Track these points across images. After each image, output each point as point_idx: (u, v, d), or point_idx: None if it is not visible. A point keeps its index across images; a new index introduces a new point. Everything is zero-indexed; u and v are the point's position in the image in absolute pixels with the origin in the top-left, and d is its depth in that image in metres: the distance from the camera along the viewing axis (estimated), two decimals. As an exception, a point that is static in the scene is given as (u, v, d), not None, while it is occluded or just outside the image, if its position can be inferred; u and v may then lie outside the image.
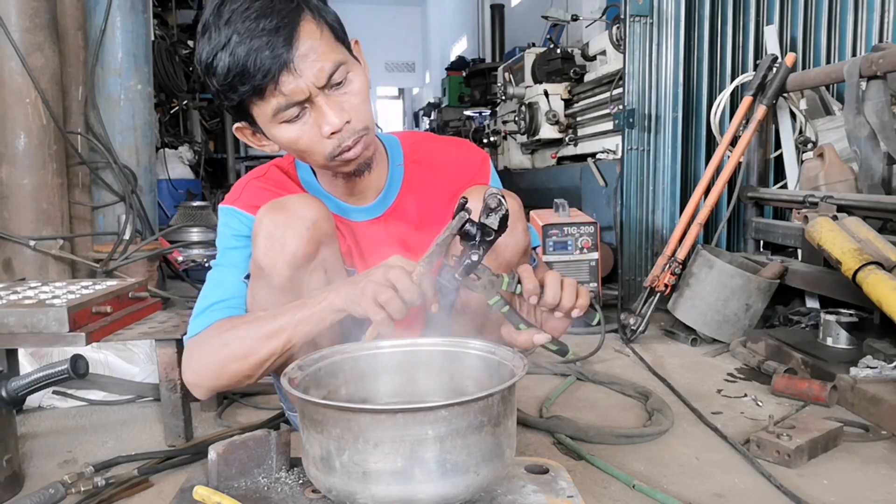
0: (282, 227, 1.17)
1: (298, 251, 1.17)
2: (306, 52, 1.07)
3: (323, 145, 1.15)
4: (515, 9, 10.32)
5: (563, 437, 1.62)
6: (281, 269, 1.17)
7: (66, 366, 1.27)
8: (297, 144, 1.16)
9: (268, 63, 1.05)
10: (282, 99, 1.09)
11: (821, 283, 2.31)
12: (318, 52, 1.08)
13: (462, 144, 1.43)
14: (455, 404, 0.85)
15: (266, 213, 1.19)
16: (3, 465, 1.34)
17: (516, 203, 1.30)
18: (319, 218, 1.20)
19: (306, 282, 1.21)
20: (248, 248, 1.23)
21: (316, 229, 1.19)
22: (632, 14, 2.92)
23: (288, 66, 1.06)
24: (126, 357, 1.95)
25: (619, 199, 3.02)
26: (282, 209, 1.19)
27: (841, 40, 3.22)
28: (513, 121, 4.99)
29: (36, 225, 2.59)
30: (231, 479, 1.02)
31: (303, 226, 1.17)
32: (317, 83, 1.09)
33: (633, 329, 2.55)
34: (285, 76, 1.06)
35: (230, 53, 1.05)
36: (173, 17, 6.55)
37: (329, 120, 1.11)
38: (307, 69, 1.07)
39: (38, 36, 2.55)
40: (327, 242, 1.23)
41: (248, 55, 1.04)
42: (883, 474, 1.45)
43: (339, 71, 1.11)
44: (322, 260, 1.23)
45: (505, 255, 1.27)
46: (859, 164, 2.33)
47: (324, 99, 1.11)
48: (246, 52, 1.04)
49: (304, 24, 1.07)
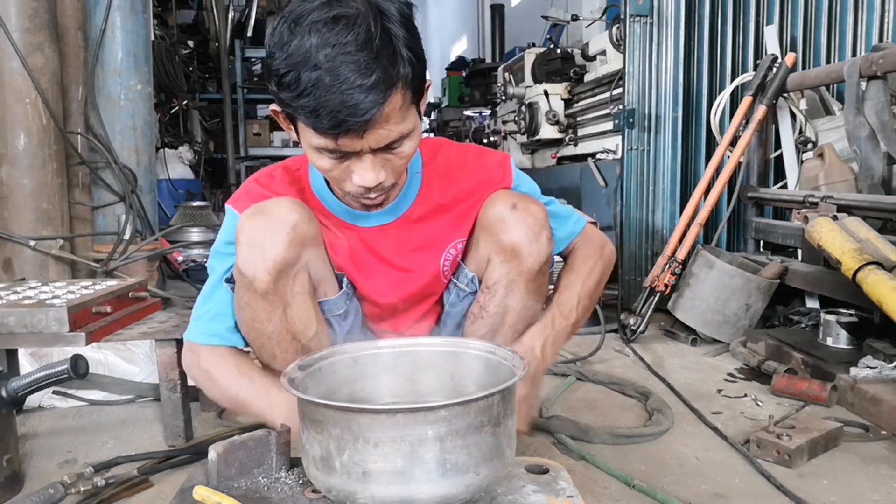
0: (261, 231, 1.16)
1: (279, 256, 1.16)
2: (379, 124, 1.03)
3: (348, 186, 1.14)
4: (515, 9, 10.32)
5: (563, 437, 1.62)
6: (262, 275, 1.16)
7: (66, 366, 1.27)
8: (327, 173, 1.14)
9: (341, 121, 1.00)
10: (332, 145, 1.06)
11: (821, 283, 2.31)
12: (390, 122, 1.04)
13: (479, 152, 1.40)
14: (455, 404, 0.85)
15: (246, 219, 1.19)
16: (3, 465, 1.34)
17: (542, 211, 1.28)
18: (300, 221, 1.18)
19: (290, 287, 1.20)
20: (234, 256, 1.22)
21: (296, 232, 1.17)
22: (632, 14, 2.92)
23: (357, 131, 1.02)
24: (126, 357, 1.95)
25: (619, 199, 3.02)
26: (261, 213, 1.18)
27: (841, 40, 3.21)
28: (513, 121, 4.98)
29: (36, 225, 2.59)
30: (231, 479, 1.02)
31: (283, 230, 1.16)
32: (373, 147, 1.06)
33: (633, 329, 2.55)
34: (349, 136, 1.03)
35: (313, 86, 0.99)
36: (173, 17, 6.56)
37: (365, 177, 1.10)
38: (372, 136, 1.04)
39: (38, 36, 2.55)
40: (310, 245, 1.22)
41: (328, 104, 0.99)
42: (883, 474, 1.45)
43: (398, 140, 1.09)
44: (306, 264, 1.22)
45: (527, 263, 1.27)
46: (859, 164, 2.33)
47: (370, 156, 1.08)
48: (327, 100, 0.99)
49: (394, 93, 1.02)
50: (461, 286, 1.37)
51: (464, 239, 1.35)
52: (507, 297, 1.30)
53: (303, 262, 1.21)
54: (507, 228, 1.25)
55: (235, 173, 7.10)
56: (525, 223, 1.25)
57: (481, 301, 1.33)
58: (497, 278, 1.29)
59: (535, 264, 1.27)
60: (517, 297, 1.30)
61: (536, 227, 1.25)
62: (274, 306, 1.20)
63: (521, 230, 1.25)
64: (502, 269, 1.28)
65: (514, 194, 1.30)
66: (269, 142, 7.49)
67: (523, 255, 1.25)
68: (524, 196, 1.31)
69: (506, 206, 1.26)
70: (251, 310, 1.21)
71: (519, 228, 1.25)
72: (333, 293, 1.32)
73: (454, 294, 1.39)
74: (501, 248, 1.27)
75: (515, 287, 1.29)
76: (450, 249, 1.35)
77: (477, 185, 1.33)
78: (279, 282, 1.18)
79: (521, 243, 1.25)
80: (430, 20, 17.78)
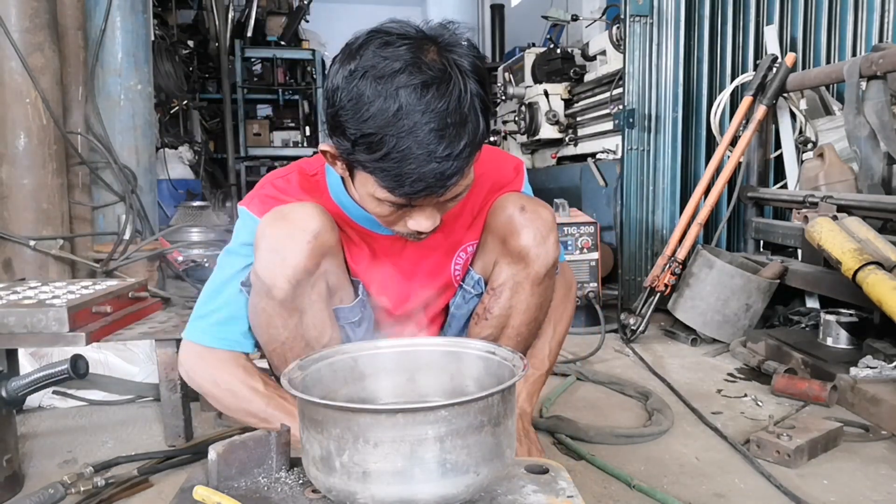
0: (283, 238, 1.14)
1: (299, 265, 1.15)
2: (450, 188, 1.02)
3: (399, 228, 1.13)
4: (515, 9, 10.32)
5: (563, 437, 1.62)
6: (281, 283, 1.15)
7: (66, 366, 1.26)
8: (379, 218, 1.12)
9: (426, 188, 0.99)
10: (403, 201, 1.04)
11: (821, 283, 2.31)
12: (458, 186, 1.03)
13: (496, 154, 1.39)
14: (455, 404, 0.85)
15: (268, 224, 1.16)
16: (3, 465, 1.34)
17: (550, 214, 1.28)
18: (322, 230, 1.16)
19: (307, 295, 1.19)
20: (249, 258, 1.21)
21: (318, 242, 1.16)
22: (632, 14, 2.92)
23: (437, 195, 1.01)
24: (126, 357, 1.95)
25: (619, 199, 3.02)
26: (284, 219, 1.16)
27: (841, 40, 3.22)
28: (513, 121, 4.98)
29: (36, 225, 2.59)
30: (231, 479, 1.02)
31: (304, 238, 1.14)
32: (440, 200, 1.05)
33: (633, 329, 2.55)
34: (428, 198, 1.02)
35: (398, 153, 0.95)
36: (173, 17, 6.54)
37: (422, 224, 1.08)
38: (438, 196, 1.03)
39: (38, 36, 2.54)
40: (330, 254, 1.21)
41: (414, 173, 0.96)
42: (883, 474, 1.45)
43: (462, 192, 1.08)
44: (324, 272, 1.21)
45: (534, 267, 1.27)
46: (859, 164, 2.33)
47: (431, 207, 1.07)
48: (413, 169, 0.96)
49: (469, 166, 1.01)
50: (467, 288, 1.37)
51: (475, 242, 1.35)
52: (513, 300, 1.30)
53: (322, 270, 1.20)
54: (515, 231, 1.25)
55: (235, 173, 7.10)
56: (533, 226, 1.25)
57: (486, 303, 1.33)
58: (503, 280, 1.30)
59: (542, 268, 1.27)
60: (522, 299, 1.30)
61: (545, 230, 1.26)
62: (290, 313, 1.19)
63: (530, 233, 1.25)
64: (509, 271, 1.29)
65: (524, 197, 1.30)
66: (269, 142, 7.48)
67: (531, 259, 1.26)
68: (533, 199, 1.30)
69: (515, 208, 1.26)
70: (267, 315, 1.20)
71: (527, 231, 1.24)
72: (349, 300, 1.31)
73: (460, 296, 1.39)
74: (509, 250, 1.27)
75: (521, 290, 1.29)
76: (460, 253, 1.35)
77: (492, 188, 1.33)
78: (297, 290, 1.17)
79: (528, 246, 1.25)
80: (430, 20, 17.75)
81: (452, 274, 1.36)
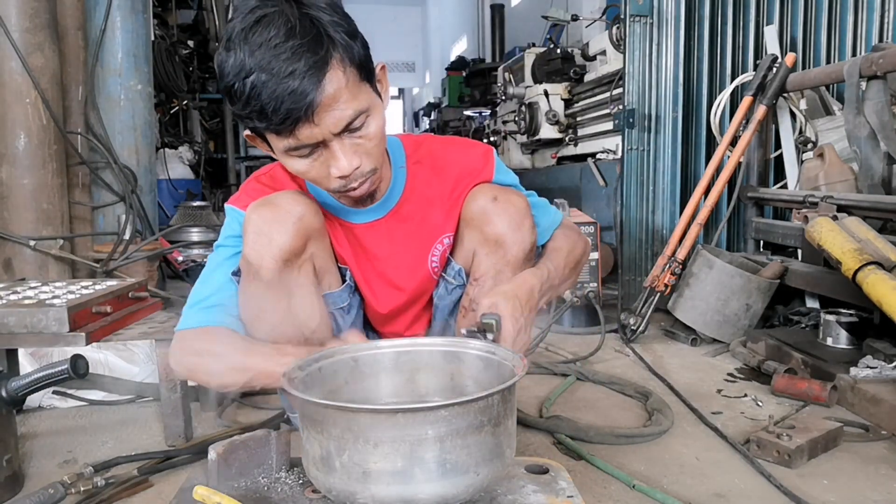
0: (269, 221, 1.18)
1: (286, 245, 1.18)
2: (328, 103, 1.04)
3: (330, 182, 1.15)
4: (515, 9, 10.32)
5: (563, 437, 1.62)
6: (269, 263, 1.18)
7: (66, 366, 1.27)
8: (306, 175, 1.16)
9: (287, 111, 1.02)
10: (294, 141, 1.07)
11: (821, 283, 2.31)
12: (340, 102, 1.06)
13: (463, 143, 1.42)
14: (455, 404, 0.85)
15: (254, 209, 1.20)
16: (3, 465, 1.34)
17: (523, 201, 1.30)
18: (307, 213, 1.21)
19: (295, 277, 1.21)
20: (237, 247, 1.24)
21: (303, 223, 1.20)
22: (632, 14, 2.92)
23: (307, 116, 1.04)
24: (126, 357, 1.95)
25: (619, 199, 3.02)
26: (269, 204, 1.20)
27: (841, 40, 3.21)
28: (513, 121, 4.99)
29: (36, 225, 2.59)
30: (231, 479, 1.02)
31: (289, 220, 1.18)
32: (333, 131, 1.08)
33: (633, 329, 2.55)
34: (303, 124, 1.05)
35: (252, 89, 1.02)
36: (173, 17, 6.54)
37: (339, 165, 1.11)
38: (326, 118, 1.05)
39: (38, 36, 2.55)
40: (316, 237, 1.24)
41: (270, 100, 1.02)
42: (883, 474, 1.45)
43: (358, 118, 1.09)
44: (311, 255, 1.24)
45: (512, 252, 1.28)
46: (859, 164, 2.33)
47: (337, 143, 1.10)
48: (268, 96, 1.02)
49: (331, 72, 1.04)
50: (449, 279, 1.39)
51: (451, 234, 1.37)
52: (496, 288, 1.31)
53: (308, 252, 1.23)
54: (489, 220, 1.27)
55: (235, 173, 7.10)
56: (507, 214, 1.27)
57: (471, 294, 1.34)
58: (484, 270, 1.31)
59: (519, 252, 1.28)
60: None
61: (518, 216, 1.27)
62: (279, 296, 1.20)
63: (504, 221, 1.27)
64: (488, 260, 1.30)
65: (495, 187, 1.32)
66: (269, 142, 7.50)
67: (507, 245, 1.27)
68: (505, 188, 1.33)
69: (487, 199, 1.28)
70: (256, 299, 1.21)
71: (501, 219, 1.27)
72: (337, 286, 1.34)
73: (442, 287, 1.40)
74: (486, 240, 1.29)
75: (503, 277, 1.30)
76: (437, 246, 1.37)
77: (461, 175, 1.35)
78: (285, 270, 1.19)
79: (504, 234, 1.27)
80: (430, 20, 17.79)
81: (430, 266, 1.38)
